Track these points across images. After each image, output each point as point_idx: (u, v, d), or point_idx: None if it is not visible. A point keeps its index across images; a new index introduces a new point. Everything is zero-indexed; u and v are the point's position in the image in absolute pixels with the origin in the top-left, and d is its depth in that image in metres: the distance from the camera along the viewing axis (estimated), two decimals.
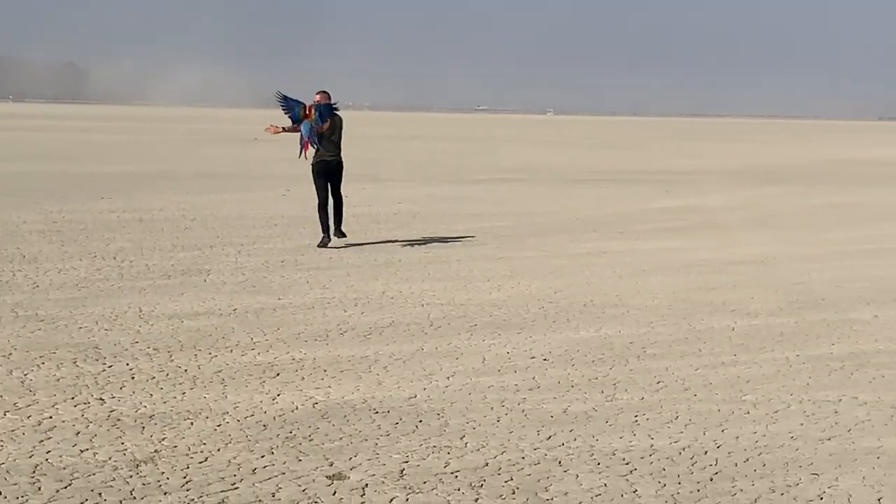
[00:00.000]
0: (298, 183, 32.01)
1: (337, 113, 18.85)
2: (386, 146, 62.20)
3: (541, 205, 27.18)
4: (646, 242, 20.07)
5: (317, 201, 18.89)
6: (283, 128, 18.90)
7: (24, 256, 16.38)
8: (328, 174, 18.87)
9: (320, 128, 18.51)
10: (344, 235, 18.82)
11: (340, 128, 18.89)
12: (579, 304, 13.66)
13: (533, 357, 10.77)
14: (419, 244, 19.00)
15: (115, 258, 16.47)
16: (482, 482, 7.22)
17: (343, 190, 19.09)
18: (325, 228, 18.68)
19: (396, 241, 19.38)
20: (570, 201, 28.57)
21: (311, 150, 18.76)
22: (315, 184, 18.98)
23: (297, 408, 8.78)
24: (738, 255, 18.45)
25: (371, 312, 12.81)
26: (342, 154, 19.04)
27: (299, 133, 18.65)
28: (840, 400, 9.44)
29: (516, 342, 11.41)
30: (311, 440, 7.97)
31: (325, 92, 18.89)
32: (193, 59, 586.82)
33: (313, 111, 18.54)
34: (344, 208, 19.15)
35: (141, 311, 12.53)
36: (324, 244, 18.47)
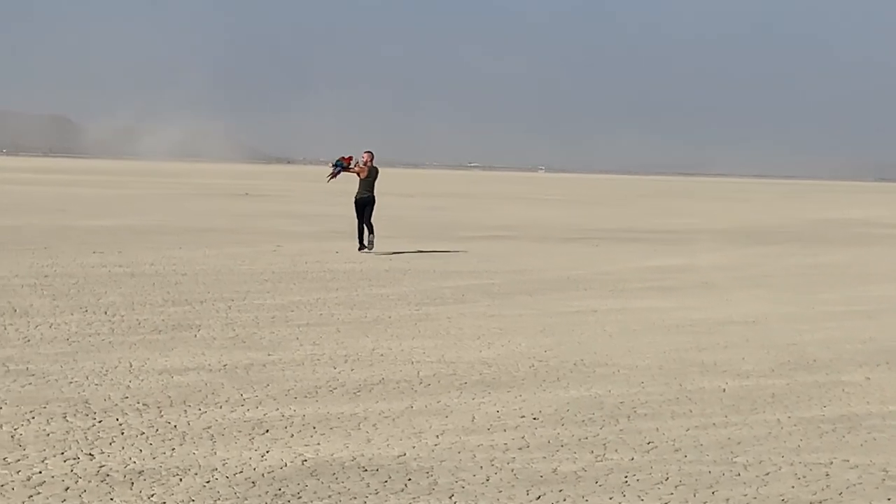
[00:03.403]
0: (289, 239, 32.03)
1: (375, 166, 28.48)
2: (377, 202, 62.23)
3: (532, 262, 27.19)
4: (637, 301, 20.07)
5: (356, 223, 28.23)
6: (333, 174, 28.93)
7: (16, 310, 16.35)
8: (363, 206, 28.10)
9: (358, 170, 28.41)
10: (369, 248, 27.74)
11: (375, 176, 28.48)
12: (570, 362, 13.65)
13: (523, 416, 10.74)
14: (409, 301, 18.98)
15: (105, 313, 16.44)
16: None
17: (373, 220, 28.18)
18: (360, 241, 27.87)
19: (387, 298, 19.37)
20: (562, 259, 28.59)
21: (338, 178, 29.17)
22: (356, 212, 28.26)
23: (286, 465, 8.75)
24: (729, 316, 18.45)
25: (361, 369, 12.78)
26: (374, 194, 28.51)
27: (338, 171, 28.75)
28: (831, 462, 9.43)
29: (506, 401, 11.39)
30: (299, 498, 7.94)
31: (370, 152, 28.67)
32: (180, 113, 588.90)
33: (350, 161, 28.61)
34: (374, 230, 28.15)
35: (131, 365, 12.50)
36: (360, 250, 27.65)
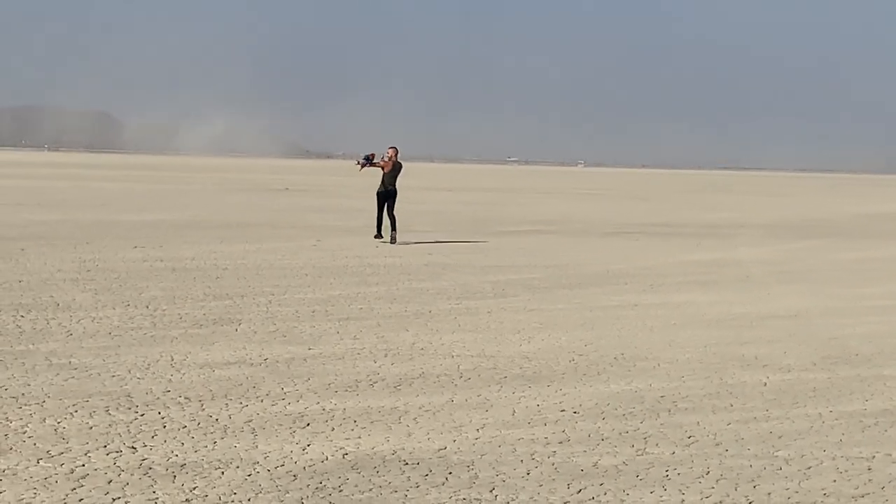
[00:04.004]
0: (328, 233, 32.11)
1: (399, 161, 29.90)
2: (417, 197, 62.25)
3: (572, 257, 27.17)
4: (677, 295, 20.02)
5: (376, 213, 29.54)
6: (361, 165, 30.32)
7: (58, 305, 16.47)
8: (385, 198, 29.51)
9: (383, 165, 29.71)
10: (392, 242, 28.52)
11: (399, 170, 29.89)
12: (610, 357, 13.63)
13: (563, 410, 10.74)
14: (449, 295, 19.00)
15: (147, 307, 16.53)
16: None
17: (395, 212, 29.39)
18: (378, 230, 29.20)
19: (427, 292, 19.39)
20: (602, 253, 28.55)
21: (360, 166, 30.40)
22: (377, 203, 29.64)
23: (327, 458, 8.78)
24: (770, 310, 18.38)
25: (401, 363, 12.81)
26: (397, 187, 29.74)
27: (365, 164, 30.06)
28: (874, 457, 9.38)
29: (546, 395, 11.39)
30: (340, 491, 7.96)
31: (394, 147, 29.95)
32: (220, 109, 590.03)
33: (375, 156, 30.04)
34: (396, 222, 29.20)
35: (173, 359, 12.57)
36: (376, 237, 29.09)
